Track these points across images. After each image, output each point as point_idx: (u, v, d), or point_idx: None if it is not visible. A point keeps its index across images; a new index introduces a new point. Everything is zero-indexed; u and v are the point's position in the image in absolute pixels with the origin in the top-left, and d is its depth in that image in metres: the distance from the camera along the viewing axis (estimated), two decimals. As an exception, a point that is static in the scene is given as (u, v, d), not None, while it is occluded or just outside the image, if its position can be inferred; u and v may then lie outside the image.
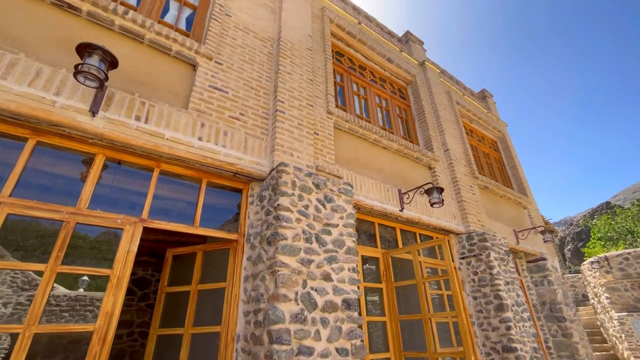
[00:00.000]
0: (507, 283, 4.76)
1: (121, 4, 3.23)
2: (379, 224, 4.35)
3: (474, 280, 4.81)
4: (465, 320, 3.00)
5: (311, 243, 2.80)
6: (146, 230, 2.56)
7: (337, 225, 3.07)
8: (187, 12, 3.81)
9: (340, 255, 2.94)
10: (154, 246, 5.71)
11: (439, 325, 4.28)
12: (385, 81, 6.16)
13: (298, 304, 2.49)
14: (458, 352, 3.04)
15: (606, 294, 9.02)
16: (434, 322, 3.83)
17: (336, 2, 6.07)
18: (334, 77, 5.06)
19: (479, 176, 6.16)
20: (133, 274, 6.64)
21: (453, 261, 5.00)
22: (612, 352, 9.57)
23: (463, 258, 5.01)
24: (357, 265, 3.02)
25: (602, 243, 23.94)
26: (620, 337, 8.55)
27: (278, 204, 2.77)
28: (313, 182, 3.11)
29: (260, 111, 3.49)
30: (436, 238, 4.90)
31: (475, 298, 4.73)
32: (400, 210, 4.32)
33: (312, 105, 3.86)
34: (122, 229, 2.41)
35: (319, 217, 2.98)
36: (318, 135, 3.81)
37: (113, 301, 2.19)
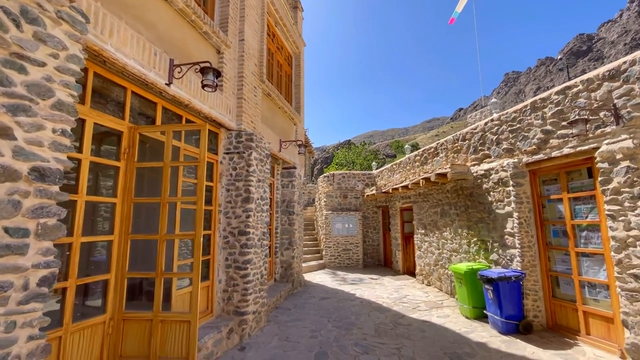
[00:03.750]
0: (259, 180, 5.33)
1: None
2: (134, 92, 3.44)
3: (231, 174, 5.04)
4: (202, 206, 3.00)
5: (-27, 74, 1.69)
6: None
7: (43, 64, 2.03)
8: None
9: (40, 108, 2.01)
10: None
11: (186, 212, 4.25)
12: None
13: None
14: (191, 234, 3.08)
15: (324, 199, 12.52)
16: (178, 208, 3.70)
17: None
18: None
19: (266, 81, 6.20)
20: None
21: (217, 154, 4.96)
22: (316, 235, 13.80)
23: (227, 153, 5.07)
24: (71, 129, 2.21)
25: (336, 167, 33.25)
26: (322, 226, 12.36)
27: None
28: (-2, -24, 1.81)
29: None
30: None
31: (228, 190, 5.01)
32: (167, 84, 3.58)
33: None
34: None
35: (3, 39, 1.83)
36: None
37: None
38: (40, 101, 2.02)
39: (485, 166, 6.09)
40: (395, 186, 9.16)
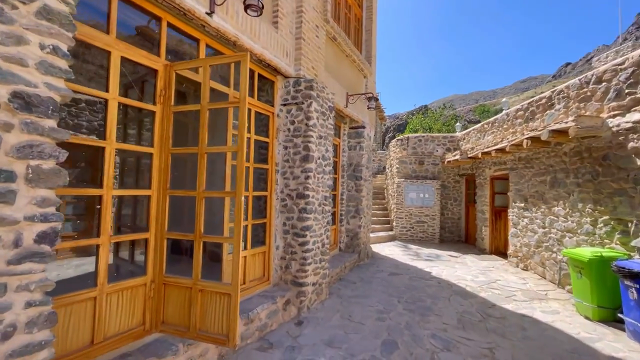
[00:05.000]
0: (320, 137, 4.60)
1: None
2: (170, 24, 2.91)
3: (289, 130, 4.40)
4: (243, 157, 2.39)
5: None
6: None
7: (17, -47, 1.51)
8: None
9: (20, 14, 1.52)
10: None
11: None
12: None
13: None
14: (232, 192, 2.54)
15: (397, 166, 11.33)
16: (228, 163, 3.22)
17: None
18: None
19: (331, 21, 5.23)
20: None
21: (273, 106, 4.35)
22: (386, 205, 12.85)
23: (285, 105, 4.41)
24: (68, 49, 1.71)
25: (410, 133, 30.94)
26: (393, 195, 11.31)
27: None
28: None
29: None
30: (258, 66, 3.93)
31: (285, 147, 4.41)
32: (208, 14, 2.97)
33: None
34: None
35: None
36: None
37: None
38: (18, 4, 1.52)
39: (635, 116, 4.28)
40: (486, 150, 7.53)
